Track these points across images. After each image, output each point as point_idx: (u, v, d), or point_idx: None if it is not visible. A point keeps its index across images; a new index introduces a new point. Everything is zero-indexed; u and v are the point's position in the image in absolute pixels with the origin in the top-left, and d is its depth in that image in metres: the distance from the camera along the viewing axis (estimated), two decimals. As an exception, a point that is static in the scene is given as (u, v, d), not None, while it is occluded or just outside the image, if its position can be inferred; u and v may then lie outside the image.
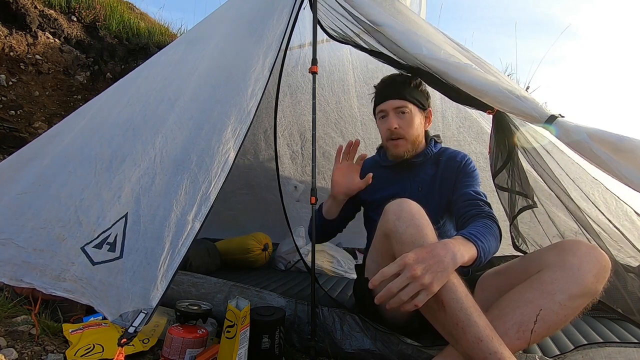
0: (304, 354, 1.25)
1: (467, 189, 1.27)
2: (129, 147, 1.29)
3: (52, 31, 3.48)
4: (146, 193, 1.14)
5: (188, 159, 1.16)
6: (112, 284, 1.03)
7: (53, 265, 1.13)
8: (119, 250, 1.06)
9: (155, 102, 1.40)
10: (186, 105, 1.31)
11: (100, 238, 1.10)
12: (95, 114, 1.55)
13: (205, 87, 1.35)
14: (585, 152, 0.96)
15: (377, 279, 0.85)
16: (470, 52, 1.24)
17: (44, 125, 3.21)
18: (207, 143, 1.17)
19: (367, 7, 1.26)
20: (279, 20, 1.36)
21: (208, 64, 1.42)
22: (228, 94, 1.26)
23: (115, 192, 1.18)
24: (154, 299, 0.95)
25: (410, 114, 1.32)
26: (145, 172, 1.19)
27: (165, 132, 1.26)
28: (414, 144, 1.35)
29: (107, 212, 1.15)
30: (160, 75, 1.53)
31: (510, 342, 0.88)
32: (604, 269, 0.91)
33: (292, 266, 2.04)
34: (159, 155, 1.21)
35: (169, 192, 1.11)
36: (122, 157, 1.27)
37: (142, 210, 1.11)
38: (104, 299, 1.03)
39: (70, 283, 1.08)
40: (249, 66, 1.28)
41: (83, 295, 1.06)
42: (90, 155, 1.34)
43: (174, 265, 0.99)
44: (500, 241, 1.10)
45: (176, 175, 1.14)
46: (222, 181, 1.10)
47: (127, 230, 1.09)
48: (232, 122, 1.19)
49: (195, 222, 1.05)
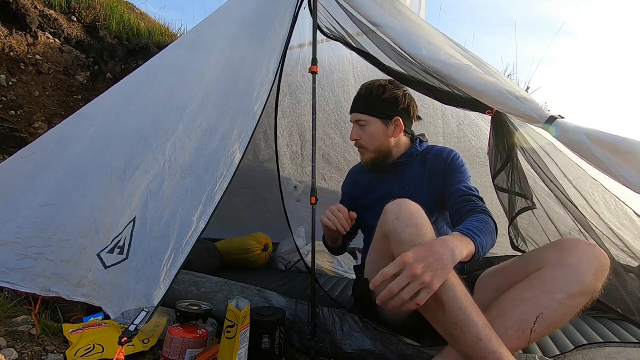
0: (304, 354, 1.25)
1: (458, 184, 1.28)
2: (140, 157, 1.34)
3: (52, 31, 3.48)
4: (154, 197, 1.18)
5: (195, 163, 1.20)
6: (117, 284, 1.06)
7: (75, 274, 1.19)
8: (126, 251, 1.10)
9: (164, 111, 1.45)
10: (194, 113, 1.36)
11: (113, 243, 1.14)
12: (104, 121, 1.59)
13: (212, 95, 1.39)
14: (584, 153, 0.96)
15: (378, 280, 0.85)
16: (469, 52, 1.24)
17: (44, 125, 3.21)
18: (214, 147, 1.21)
19: (366, 7, 1.26)
20: (281, 24, 1.38)
21: (214, 73, 1.46)
22: (234, 100, 1.31)
23: (127, 199, 1.23)
24: (156, 297, 0.97)
25: (369, 126, 1.37)
26: (154, 178, 1.23)
27: (174, 140, 1.31)
28: (378, 152, 1.40)
29: (120, 219, 1.19)
30: (167, 83, 1.57)
31: (510, 341, 0.88)
32: (603, 267, 0.91)
33: (292, 266, 2.04)
34: (167, 162, 1.25)
35: (176, 195, 1.15)
36: (134, 167, 1.33)
37: (149, 213, 1.15)
38: (110, 299, 1.05)
39: (87, 288, 1.14)
40: (254, 71, 1.32)
41: (96, 298, 1.11)
42: (105, 166, 1.41)
43: (177, 264, 1.01)
44: (497, 235, 1.11)
45: (184, 179, 1.18)
46: (228, 182, 1.12)
47: (134, 232, 1.12)
48: (238, 125, 1.22)
49: (200, 222, 1.07)
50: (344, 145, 2.49)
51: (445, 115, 2.19)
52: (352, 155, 2.45)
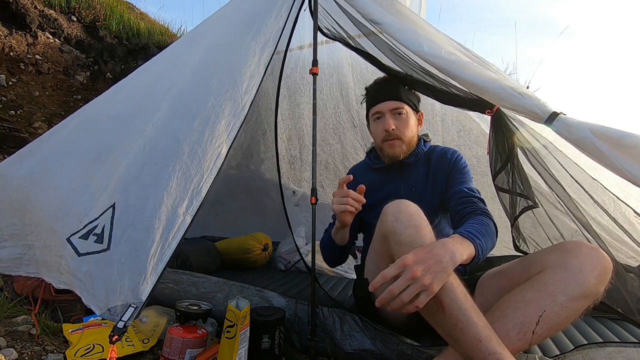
0: (304, 354, 1.25)
1: (460, 186, 1.27)
2: (118, 137, 1.26)
3: (52, 31, 3.48)
4: (134, 182, 1.10)
5: (180, 149, 1.12)
6: (99, 276, 0.99)
7: (53, 261, 1.11)
8: (106, 241, 1.02)
9: (148, 94, 1.38)
10: (179, 94, 1.29)
11: (87, 228, 1.06)
12: (89, 110, 1.54)
13: (199, 77, 1.32)
14: (589, 148, 0.95)
15: (378, 282, 0.85)
16: (470, 51, 1.24)
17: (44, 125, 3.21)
18: (200, 135, 1.14)
19: (367, 7, 1.26)
20: (277, 17, 1.35)
21: (203, 56, 1.40)
22: (222, 87, 1.23)
23: (103, 181, 1.15)
24: (144, 292, 0.92)
25: (407, 115, 1.34)
26: (133, 161, 1.15)
27: (155, 121, 1.22)
28: (409, 145, 1.35)
29: (95, 203, 1.11)
30: (156, 71, 1.52)
31: (512, 343, 0.88)
32: (606, 271, 0.91)
33: (292, 266, 2.04)
34: (148, 143, 1.17)
35: (159, 183, 1.07)
36: (110, 148, 1.24)
37: (130, 200, 1.07)
38: (91, 292, 0.99)
39: (66, 275, 1.06)
40: (245, 61, 1.26)
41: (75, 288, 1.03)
42: (80, 148, 1.33)
43: (164, 258, 0.96)
44: (497, 237, 1.11)
45: (167, 166, 1.10)
46: (214, 175, 1.08)
47: (114, 220, 1.04)
48: (226, 116, 1.16)
49: (187, 216, 1.02)
50: (342, 152, 2.46)
51: (445, 122, 2.18)
52: (350, 162, 2.42)
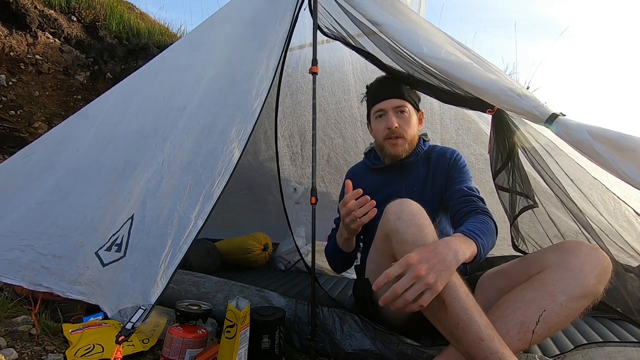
0: (304, 354, 1.25)
1: (460, 185, 1.27)
2: (140, 155, 1.35)
3: (52, 31, 3.48)
4: (152, 195, 1.18)
5: (193, 161, 1.19)
6: (115, 281, 1.05)
7: (71, 271, 1.19)
8: (123, 249, 1.09)
9: (164, 111, 1.46)
10: (193, 112, 1.36)
11: (111, 241, 1.14)
12: (105, 121, 1.60)
13: (212, 93, 1.39)
14: (587, 150, 0.95)
15: (382, 281, 0.85)
16: (470, 50, 1.24)
17: (44, 125, 3.21)
18: (212, 145, 1.20)
19: (366, 7, 1.26)
20: (281, 23, 1.38)
21: (214, 72, 1.46)
22: (234, 98, 1.30)
23: (126, 196, 1.23)
24: (153, 295, 0.96)
25: (409, 114, 1.34)
26: (152, 175, 1.23)
27: (173, 139, 1.30)
28: (411, 143, 1.35)
29: (118, 216, 1.19)
30: (167, 83, 1.57)
31: (512, 343, 0.87)
32: (605, 271, 0.91)
33: (292, 266, 2.04)
34: (167, 160, 1.25)
35: (174, 193, 1.14)
36: (134, 165, 1.33)
37: (147, 211, 1.14)
38: (107, 297, 1.05)
39: (84, 286, 1.13)
40: (253, 69, 1.31)
41: (93, 296, 1.10)
42: (105, 165, 1.42)
43: (174, 262, 1.00)
44: (497, 235, 1.11)
45: (182, 177, 1.17)
46: (226, 180, 1.11)
47: (132, 230, 1.12)
48: (237, 123, 1.21)
49: (198, 220, 1.06)
50: (344, 146, 2.48)
51: (444, 120, 2.18)
52: (351, 156, 2.45)
